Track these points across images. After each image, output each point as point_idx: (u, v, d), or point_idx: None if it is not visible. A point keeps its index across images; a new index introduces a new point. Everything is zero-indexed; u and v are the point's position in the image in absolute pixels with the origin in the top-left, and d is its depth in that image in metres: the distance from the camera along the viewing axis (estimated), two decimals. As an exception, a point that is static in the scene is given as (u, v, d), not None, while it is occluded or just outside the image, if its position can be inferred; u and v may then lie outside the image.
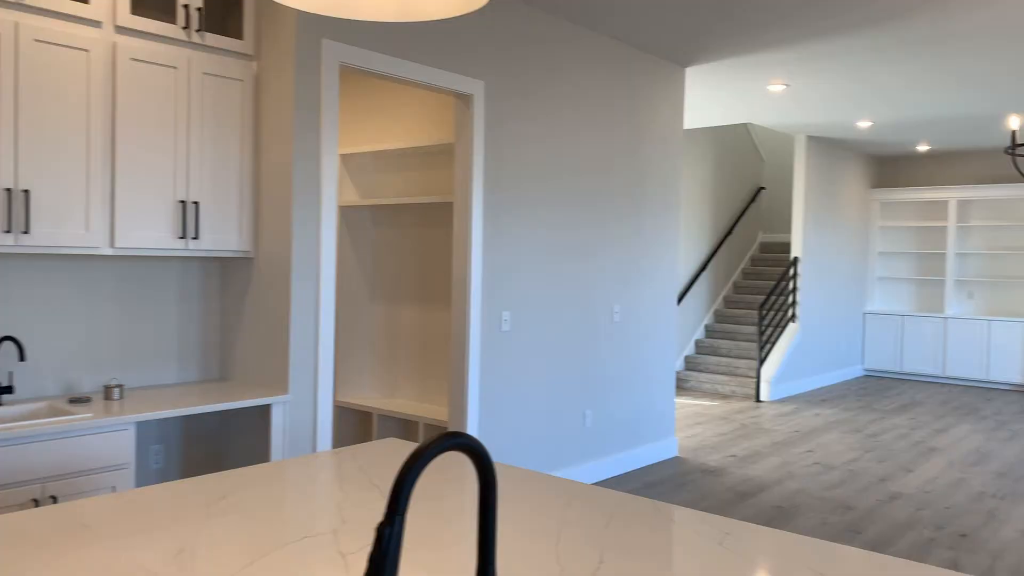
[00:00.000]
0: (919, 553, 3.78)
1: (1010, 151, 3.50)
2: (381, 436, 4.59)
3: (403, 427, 4.67)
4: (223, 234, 3.27)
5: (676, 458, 5.52)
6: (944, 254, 9.53)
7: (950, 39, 4.75)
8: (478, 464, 0.94)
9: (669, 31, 4.70)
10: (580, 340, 4.74)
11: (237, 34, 3.40)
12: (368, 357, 4.86)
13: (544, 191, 4.43)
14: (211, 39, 3.20)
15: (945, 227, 9.53)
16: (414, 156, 4.66)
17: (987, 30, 4.55)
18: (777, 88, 6.14)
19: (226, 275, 3.55)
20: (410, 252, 4.70)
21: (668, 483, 4.91)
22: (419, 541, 1.52)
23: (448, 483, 1.90)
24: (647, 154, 5.22)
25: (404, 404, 4.60)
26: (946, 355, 9.22)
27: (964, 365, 9.10)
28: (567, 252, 4.61)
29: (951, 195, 9.31)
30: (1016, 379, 8.79)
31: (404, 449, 2.24)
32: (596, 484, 4.85)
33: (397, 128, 4.68)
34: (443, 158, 4.53)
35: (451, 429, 4.07)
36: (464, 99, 3.97)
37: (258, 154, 3.40)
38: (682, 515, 1.70)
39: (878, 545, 3.88)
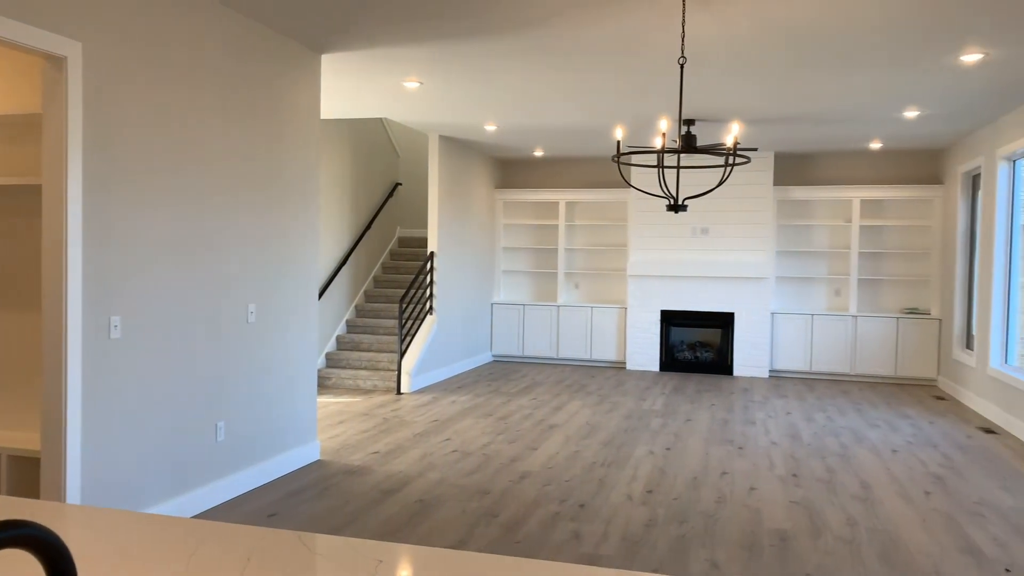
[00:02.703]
0: (547, 528, 4.08)
1: (615, 159, 3.92)
2: (-54, 477, 3.65)
3: (-21, 462, 3.78)
4: None
5: (319, 461, 5.31)
6: (556, 249, 10.65)
7: (562, 54, 5.21)
8: (48, 562, 0.66)
9: (301, 12, 4.45)
10: (210, 345, 4.28)
11: None
12: (-75, 378, 3.84)
13: (166, 179, 3.89)
14: None
15: (557, 225, 10.64)
16: (-12, 128, 3.77)
17: (594, 49, 5.08)
18: (412, 85, 6.23)
19: None
20: (-15, 246, 3.81)
21: (311, 489, 4.69)
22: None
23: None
24: (283, 143, 4.91)
25: (-21, 434, 3.72)
26: (559, 339, 10.32)
27: (573, 347, 10.28)
28: (194, 248, 4.12)
29: (561, 197, 10.43)
30: (612, 357, 10.16)
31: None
32: (233, 499, 4.44)
33: (-38, 91, 3.75)
34: (35, 131, 3.74)
35: (45, 460, 3.37)
36: (55, 62, 3.30)
37: None
38: (328, 545, 1.53)
39: (512, 525, 4.11)
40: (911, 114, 6.98)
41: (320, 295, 8.37)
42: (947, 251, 8.93)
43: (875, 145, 8.95)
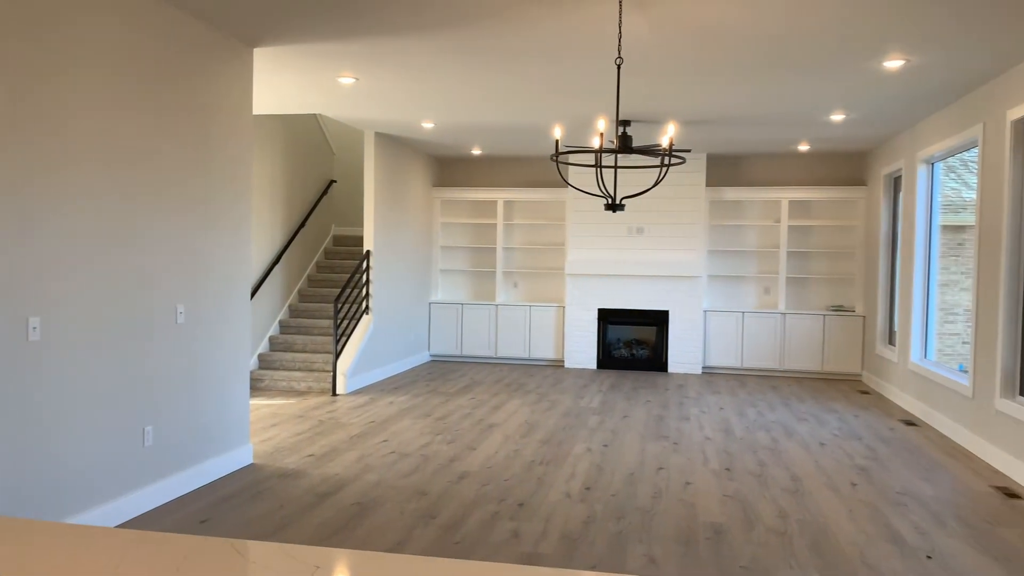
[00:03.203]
0: (486, 528, 4.07)
1: (554, 159, 3.93)
2: None
3: None
4: None
5: (252, 465, 5.18)
6: (494, 248, 10.65)
7: (499, 53, 5.21)
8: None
9: (231, 3, 4.32)
10: (137, 347, 4.13)
11: None
12: None
13: (88, 175, 3.73)
14: None
15: (495, 224, 10.64)
16: None
17: (532, 49, 5.09)
18: (347, 81, 6.13)
19: None
20: None
21: (243, 494, 4.57)
22: None
23: None
24: (213, 139, 4.76)
25: None
26: (497, 338, 10.32)
27: (512, 346, 10.29)
28: (119, 246, 3.97)
29: (499, 196, 10.43)
30: (551, 356, 10.22)
31: None
32: (162, 506, 4.29)
33: None
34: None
35: (-43, 470, 3.19)
36: (-34, 50, 3.12)
37: None
38: (262, 551, 1.48)
39: (451, 526, 4.09)
40: (837, 118, 7.22)
41: (252, 295, 8.17)
42: (870, 250, 9.27)
43: (803, 147, 9.22)
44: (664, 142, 3.94)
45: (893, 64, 5.26)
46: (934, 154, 7.06)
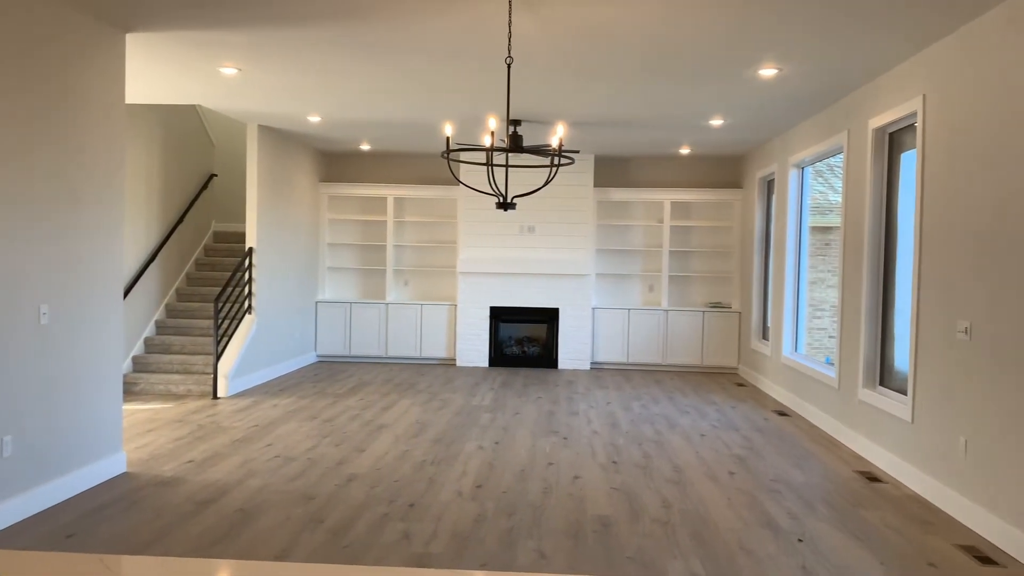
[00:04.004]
0: (376, 530, 4.01)
1: (445, 156, 3.92)
2: None
3: None
4: None
5: (125, 474, 4.90)
6: (384, 246, 10.51)
7: (385, 48, 5.13)
8: None
9: (105, -13, 4.07)
10: (-8, 350, 3.81)
11: None
12: None
13: (-69, 161, 3.42)
14: None
15: (385, 222, 10.50)
16: None
17: (419, 44, 5.04)
18: (229, 71, 5.89)
19: None
20: None
21: (117, 505, 4.31)
22: None
23: None
24: (79, 128, 4.46)
25: None
26: (387, 337, 10.19)
27: (402, 345, 10.19)
28: (-30, 240, 3.65)
29: (390, 192, 10.30)
30: (442, 354, 10.18)
31: None
32: (23, 522, 3.99)
33: None
34: None
35: None
36: None
37: None
38: (136, 566, 1.40)
39: (340, 530, 4.00)
40: (716, 122, 7.53)
41: (126, 294, 7.72)
42: (746, 250, 9.74)
43: (684, 151, 9.58)
44: (554, 142, 4.00)
45: (767, 72, 5.53)
46: (804, 159, 7.49)
